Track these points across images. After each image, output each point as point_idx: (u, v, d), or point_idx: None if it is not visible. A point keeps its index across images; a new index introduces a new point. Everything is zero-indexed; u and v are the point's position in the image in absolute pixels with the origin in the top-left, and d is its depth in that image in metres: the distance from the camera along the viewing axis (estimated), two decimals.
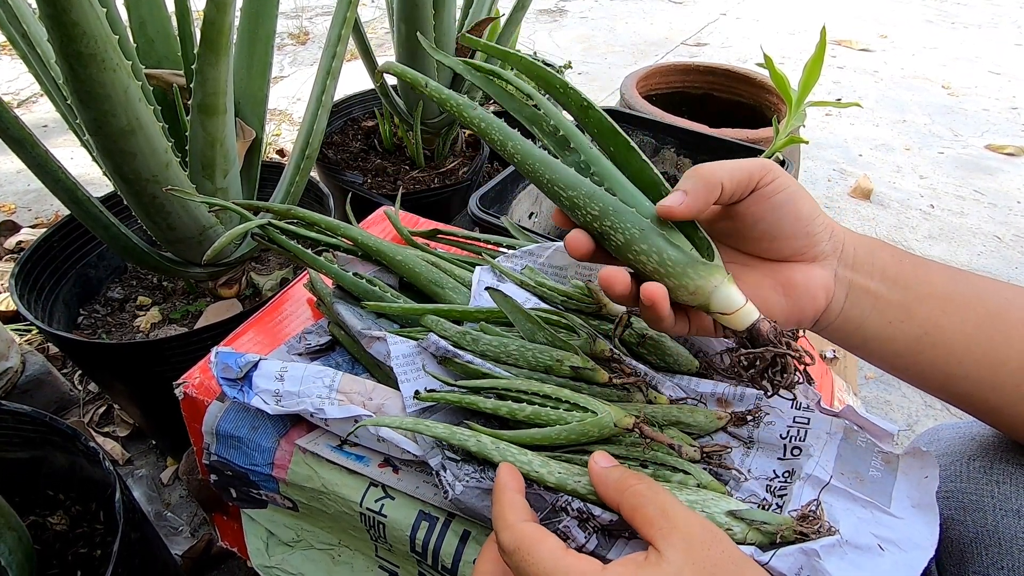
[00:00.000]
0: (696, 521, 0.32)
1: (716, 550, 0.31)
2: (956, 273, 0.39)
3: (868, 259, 0.39)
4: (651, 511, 0.32)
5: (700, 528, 0.31)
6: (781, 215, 0.38)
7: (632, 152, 0.40)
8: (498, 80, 0.43)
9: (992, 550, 0.38)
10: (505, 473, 0.37)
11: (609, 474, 0.35)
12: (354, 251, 0.59)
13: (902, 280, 0.38)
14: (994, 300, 0.37)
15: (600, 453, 0.37)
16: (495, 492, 0.36)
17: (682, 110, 1.33)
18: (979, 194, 1.67)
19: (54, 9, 0.51)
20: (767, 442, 0.42)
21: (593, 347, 0.46)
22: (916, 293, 0.38)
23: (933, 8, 3.11)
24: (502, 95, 0.44)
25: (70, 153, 1.70)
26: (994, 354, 0.37)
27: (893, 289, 0.38)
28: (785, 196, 0.37)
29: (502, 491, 0.36)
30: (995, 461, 0.41)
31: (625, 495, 0.34)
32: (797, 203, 0.38)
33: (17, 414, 0.62)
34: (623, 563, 0.31)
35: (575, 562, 0.31)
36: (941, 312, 0.38)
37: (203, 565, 0.83)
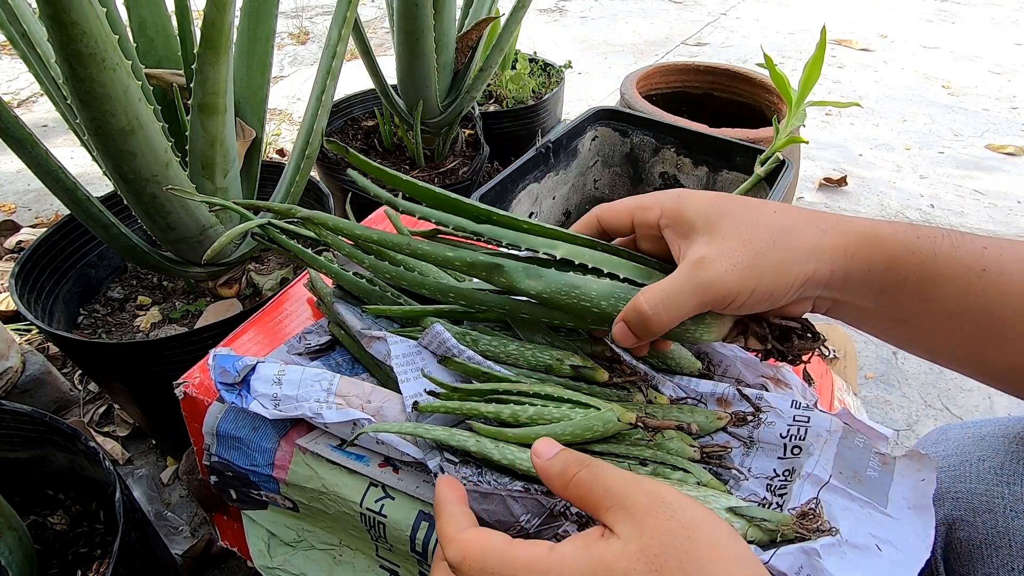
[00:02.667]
0: (639, 490, 0.29)
1: (663, 517, 0.28)
2: (964, 287, 0.35)
3: (862, 282, 0.36)
4: (596, 494, 0.31)
5: (644, 497, 0.29)
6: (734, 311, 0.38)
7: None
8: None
9: (1003, 551, 0.38)
10: (443, 487, 0.35)
11: (551, 467, 0.33)
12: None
13: (899, 302, 0.36)
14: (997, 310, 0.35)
15: (542, 441, 0.35)
16: (436, 509, 0.34)
17: (682, 110, 1.33)
18: (979, 194, 1.67)
19: (54, 9, 0.51)
20: (767, 441, 0.42)
21: (593, 347, 0.46)
22: (911, 312, 0.36)
23: (933, 8, 3.11)
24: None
25: (70, 153, 1.70)
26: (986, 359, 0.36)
27: (886, 307, 0.37)
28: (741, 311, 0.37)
29: (442, 506, 0.34)
30: (1005, 462, 0.41)
31: (570, 488, 0.32)
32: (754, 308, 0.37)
33: (17, 414, 0.62)
34: (574, 540, 0.30)
35: (521, 551, 0.30)
36: (935, 327, 0.36)
37: (203, 565, 0.83)
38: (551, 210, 1.05)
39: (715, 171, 1.03)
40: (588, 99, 2.17)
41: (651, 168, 1.10)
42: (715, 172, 1.03)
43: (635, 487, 0.30)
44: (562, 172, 1.04)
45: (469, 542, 0.31)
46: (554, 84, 1.68)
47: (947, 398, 1.10)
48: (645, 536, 0.28)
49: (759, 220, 0.36)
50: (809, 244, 0.35)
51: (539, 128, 1.61)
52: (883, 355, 1.18)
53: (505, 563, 0.29)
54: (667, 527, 0.28)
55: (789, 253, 0.35)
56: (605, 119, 1.09)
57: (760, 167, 0.91)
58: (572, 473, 0.32)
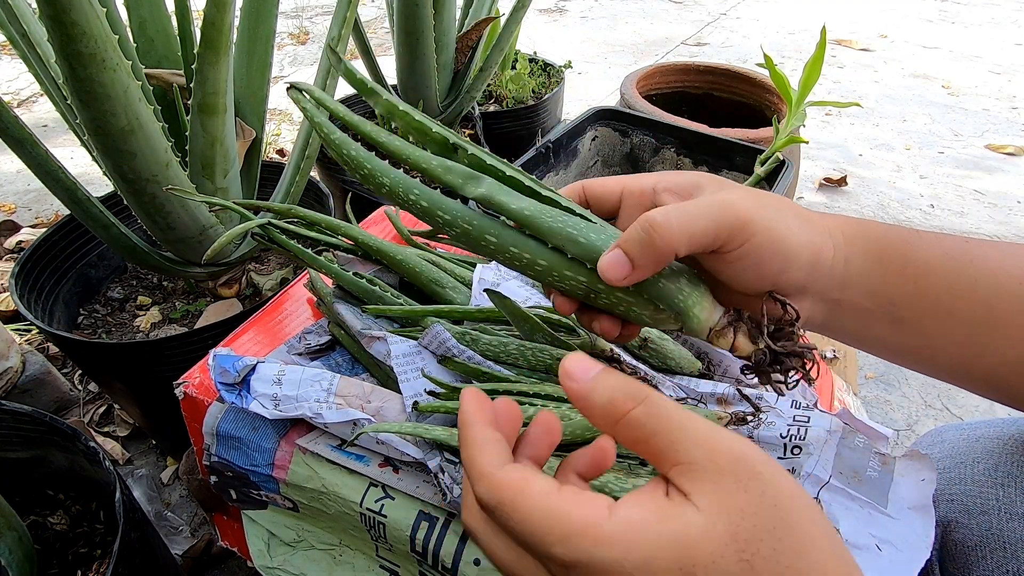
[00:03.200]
0: (723, 451, 0.24)
1: (755, 492, 0.23)
2: (953, 277, 0.34)
3: (863, 280, 0.34)
4: (660, 443, 0.25)
5: (731, 461, 0.24)
6: (740, 271, 0.33)
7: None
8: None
9: (997, 554, 0.38)
10: (469, 401, 0.28)
11: (593, 396, 0.26)
12: (354, 250, 0.59)
13: (899, 300, 0.35)
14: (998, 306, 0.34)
15: (573, 357, 0.27)
16: (460, 431, 0.28)
17: (682, 110, 1.33)
18: (979, 194, 1.67)
19: (54, 9, 0.52)
20: (767, 442, 0.42)
21: (593, 347, 0.46)
22: (907, 308, 0.35)
23: (933, 8, 3.10)
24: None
25: (70, 153, 1.70)
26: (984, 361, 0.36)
27: (883, 304, 0.35)
28: (749, 260, 0.32)
29: (468, 427, 0.27)
30: (1000, 464, 0.41)
31: (620, 429, 0.26)
32: (762, 264, 0.32)
33: (17, 414, 0.62)
34: (639, 501, 0.24)
35: (576, 510, 0.24)
36: (931, 325, 0.35)
37: (203, 565, 0.83)
38: None
39: (715, 171, 1.03)
40: (588, 99, 2.17)
41: (651, 168, 1.10)
42: (715, 172, 1.03)
43: (717, 444, 0.24)
44: (562, 172, 1.04)
45: (508, 484, 0.25)
46: (554, 84, 1.68)
47: (947, 398, 1.10)
48: (734, 516, 0.23)
49: (767, 194, 0.34)
50: (815, 220, 0.34)
51: (539, 128, 1.61)
52: None
53: (553, 523, 0.24)
54: (759, 506, 0.23)
55: (800, 220, 0.33)
56: (605, 119, 1.09)
57: (760, 167, 0.91)
58: (624, 410, 0.25)
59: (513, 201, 0.34)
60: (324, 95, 0.37)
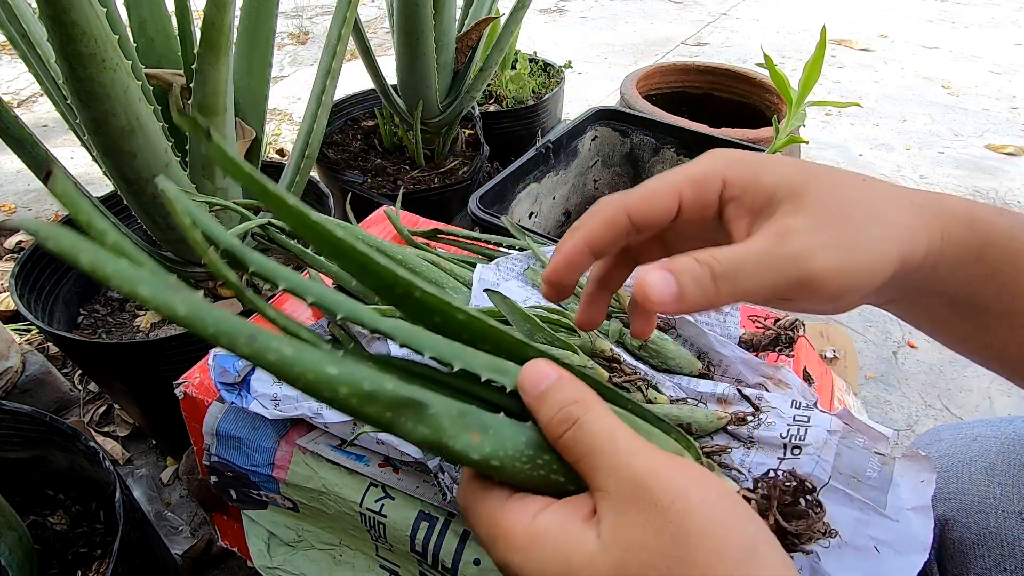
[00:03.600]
0: (633, 478, 0.23)
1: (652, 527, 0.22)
2: None
3: (949, 272, 0.30)
4: (585, 465, 0.25)
5: (636, 490, 0.23)
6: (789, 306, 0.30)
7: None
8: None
9: (995, 552, 0.38)
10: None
11: (540, 412, 0.26)
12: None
13: (980, 294, 0.31)
14: None
15: (530, 366, 0.27)
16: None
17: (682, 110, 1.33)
18: (979, 194, 1.67)
19: (54, 9, 0.52)
20: (767, 442, 0.42)
21: (593, 347, 0.46)
22: (990, 307, 0.31)
23: (933, 8, 3.11)
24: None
25: (70, 153, 1.70)
26: None
27: (963, 302, 0.31)
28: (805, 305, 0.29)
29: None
30: (997, 463, 0.41)
31: (559, 449, 0.26)
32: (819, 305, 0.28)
33: (17, 414, 0.62)
34: (560, 512, 0.25)
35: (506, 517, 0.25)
36: (1009, 325, 0.31)
37: (203, 565, 0.83)
38: (551, 210, 1.05)
39: None
40: (588, 99, 2.17)
41: (651, 168, 1.10)
42: None
43: (629, 473, 0.24)
44: (562, 172, 1.04)
45: (470, 490, 0.27)
46: (554, 84, 1.68)
47: (947, 398, 1.10)
48: (628, 548, 0.23)
49: (853, 188, 0.29)
50: (907, 220, 0.28)
51: (539, 128, 1.61)
52: (883, 355, 1.18)
53: (490, 527, 0.26)
54: (657, 540, 0.22)
55: (889, 229, 0.28)
56: (605, 119, 1.09)
57: None
58: (558, 432, 0.26)
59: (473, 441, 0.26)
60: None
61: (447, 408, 0.26)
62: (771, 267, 0.27)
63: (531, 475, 0.27)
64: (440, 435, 0.25)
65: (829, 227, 0.27)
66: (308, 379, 0.24)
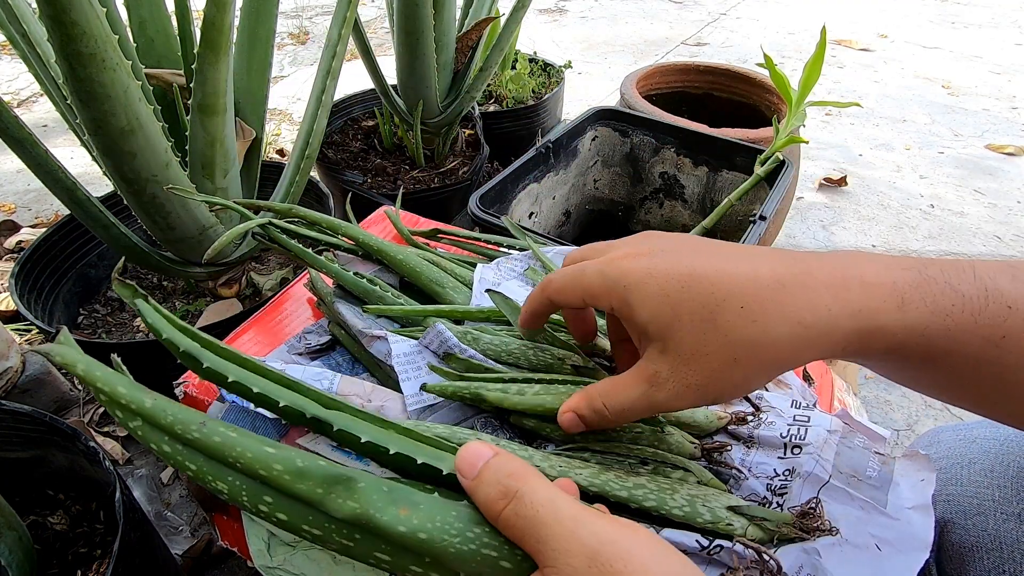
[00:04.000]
0: (580, 551, 0.24)
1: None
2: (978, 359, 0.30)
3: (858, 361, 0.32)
4: (528, 542, 0.25)
5: (585, 562, 0.24)
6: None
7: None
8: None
9: (993, 554, 0.38)
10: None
11: (476, 493, 0.27)
12: (355, 250, 0.59)
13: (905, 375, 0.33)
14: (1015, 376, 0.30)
15: (466, 449, 0.28)
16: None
17: (682, 110, 1.33)
18: (979, 194, 1.67)
19: (54, 9, 0.52)
20: (767, 441, 0.42)
21: (593, 346, 0.46)
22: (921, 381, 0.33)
23: (933, 8, 3.11)
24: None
25: (70, 153, 1.70)
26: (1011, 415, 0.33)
27: (893, 376, 0.33)
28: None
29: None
30: (995, 465, 0.41)
31: (499, 526, 0.26)
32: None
33: (17, 414, 0.62)
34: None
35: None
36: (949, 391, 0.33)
37: (203, 565, 0.83)
38: (551, 210, 1.05)
39: (715, 171, 1.03)
40: (588, 99, 2.17)
41: (651, 168, 1.10)
42: (715, 172, 1.03)
43: (575, 545, 0.24)
44: (562, 172, 1.04)
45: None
46: (554, 84, 1.68)
47: None
48: None
49: (719, 328, 0.30)
50: (785, 355, 0.30)
51: (539, 128, 1.61)
52: None
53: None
54: None
55: (755, 369, 0.30)
56: (605, 119, 1.09)
57: (760, 167, 0.91)
58: (497, 510, 0.26)
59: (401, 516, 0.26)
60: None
61: (376, 484, 0.27)
62: (646, 408, 0.33)
63: (461, 550, 0.26)
64: (368, 508, 0.26)
65: (688, 376, 0.31)
66: (247, 458, 0.27)
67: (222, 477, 0.28)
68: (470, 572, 0.27)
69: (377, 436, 0.29)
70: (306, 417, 0.30)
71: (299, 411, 0.30)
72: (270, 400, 0.30)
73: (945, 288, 0.30)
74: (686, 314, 0.30)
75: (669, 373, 0.31)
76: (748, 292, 0.30)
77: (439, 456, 0.29)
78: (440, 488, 0.29)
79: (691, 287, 0.30)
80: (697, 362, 0.30)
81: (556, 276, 0.37)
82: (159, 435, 0.28)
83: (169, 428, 0.28)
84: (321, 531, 0.27)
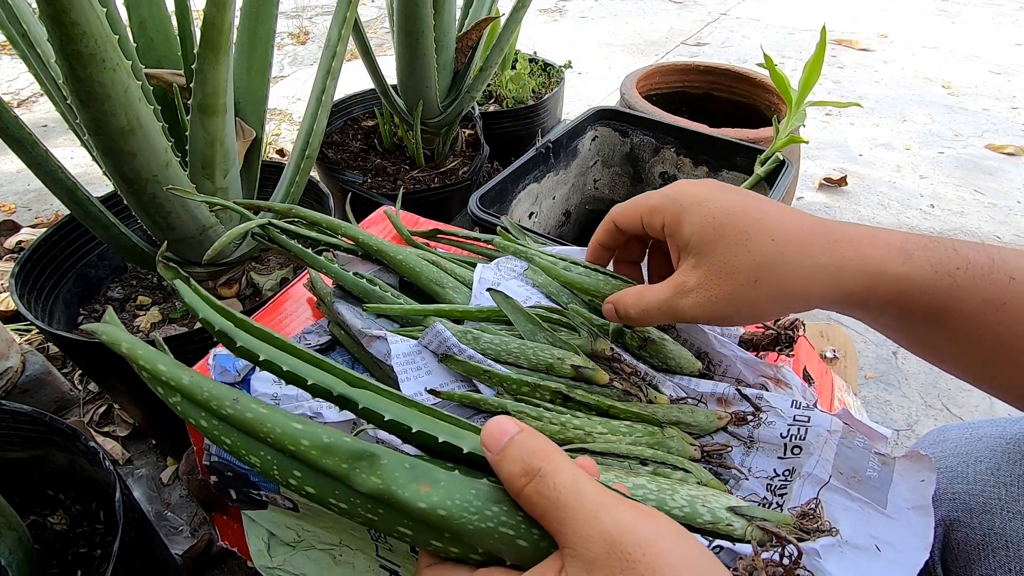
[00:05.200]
0: (601, 536, 0.24)
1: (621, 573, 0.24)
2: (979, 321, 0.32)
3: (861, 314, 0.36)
4: (549, 519, 0.26)
5: (605, 548, 0.24)
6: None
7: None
8: None
9: (999, 553, 0.38)
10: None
11: (501, 467, 0.27)
12: (355, 251, 0.59)
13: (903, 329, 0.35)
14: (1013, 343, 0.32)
15: (493, 423, 0.28)
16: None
17: (682, 110, 1.33)
18: (979, 194, 1.67)
19: (54, 9, 0.51)
20: (767, 441, 0.42)
21: (594, 346, 0.46)
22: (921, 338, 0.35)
23: (933, 7, 3.11)
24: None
25: (70, 153, 1.70)
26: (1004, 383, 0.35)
27: (893, 331, 0.36)
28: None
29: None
30: (1002, 463, 0.41)
31: (521, 501, 0.27)
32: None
33: (17, 414, 0.62)
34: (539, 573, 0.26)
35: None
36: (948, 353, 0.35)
37: (203, 565, 0.83)
38: (551, 210, 1.05)
39: (715, 171, 1.03)
40: (588, 99, 2.17)
41: (651, 168, 1.10)
42: (715, 172, 1.03)
43: (595, 530, 0.24)
44: (562, 172, 1.04)
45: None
46: (554, 84, 1.68)
47: (947, 398, 1.10)
48: None
49: (750, 251, 0.35)
50: (799, 285, 0.34)
51: (539, 128, 1.61)
52: (883, 355, 1.18)
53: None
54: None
55: (770, 292, 0.35)
56: (605, 119, 1.09)
57: (760, 167, 0.91)
58: (519, 486, 0.26)
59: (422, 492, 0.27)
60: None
61: (399, 460, 0.28)
62: (666, 314, 0.38)
63: (479, 527, 0.27)
64: (390, 484, 0.27)
65: (712, 287, 0.36)
66: (276, 433, 0.28)
67: (255, 451, 0.29)
68: (488, 549, 0.27)
69: (400, 414, 0.30)
70: (333, 395, 0.31)
71: (327, 388, 0.31)
72: (299, 378, 0.31)
73: (951, 252, 0.33)
74: (727, 235, 0.35)
75: (696, 283, 0.36)
76: (780, 229, 0.35)
77: (459, 435, 0.30)
78: (460, 466, 0.30)
79: (736, 215, 0.36)
80: (724, 278, 0.35)
81: (621, 204, 0.43)
82: (197, 410, 0.30)
83: (205, 404, 0.30)
84: (347, 504, 0.28)
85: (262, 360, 0.32)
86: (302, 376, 0.31)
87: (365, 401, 0.31)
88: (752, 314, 0.36)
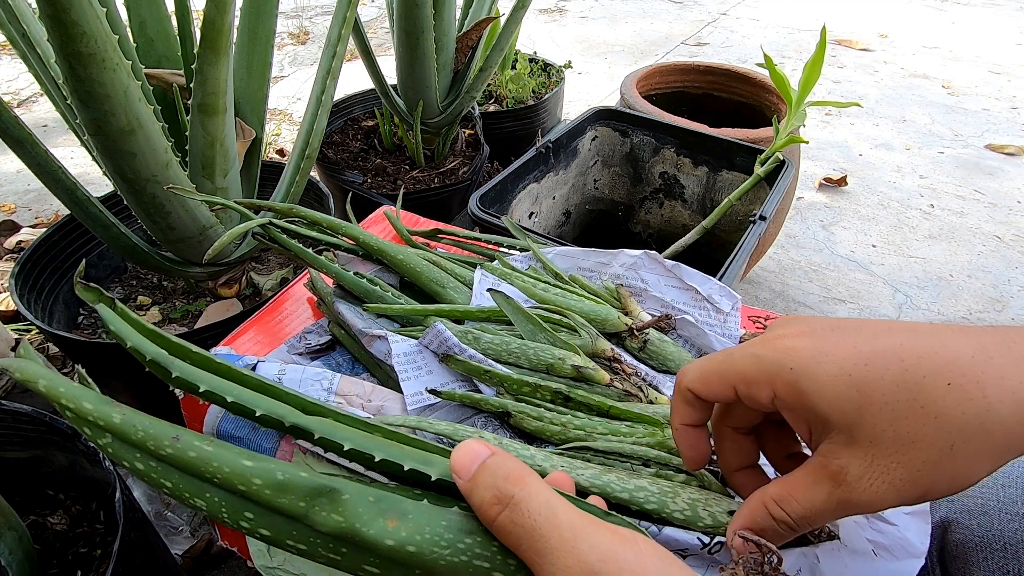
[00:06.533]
0: (578, 564, 0.23)
1: None
2: None
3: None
4: (524, 549, 0.25)
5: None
6: None
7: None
8: None
9: (998, 555, 0.38)
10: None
11: (472, 495, 0.26)
12: (355, 250, 0.59)
13: None
14: None
15: (462, 448, 0.27)
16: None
17: (682, 110, 1.33)
18: (979, 194, 1.67)
19: (54, 9, 0.51)
20: None
21: (594, 346, 0.46)
22: None
23: (933, 7, 3.11)
24: None
25: (70, 153, 1.70)
26: None
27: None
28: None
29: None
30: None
31: (495, 531, 0.26)
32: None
33: (17, 414, 0.62)
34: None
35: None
36: None
37: (203, 565, 0.83)
38: (551, 210, 1.05)
39: (715, 171, 1.03)
40: (588, 99, 2.17)
41: (651, 168, 1.10)
42: (715, 172, 1.03)
43: (574, 558, 0.23)
44: (562, 172, 1.04)
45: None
46: (554, 84, 1.68)
47: None
48: None
49: (925, 412, 0.25)
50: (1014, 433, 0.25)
51: (539, 128, 1.61)
52: None
53: None
54: None
55: (978, 455, 0.25)
56: (605, 119, 1.09)
57: (760, 167, 0.91)
58: (492, 515, 0.25)
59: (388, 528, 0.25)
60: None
61: (362, 494, 0.26)
62: (836, 513, 0.28)
63: (452, 562, 0.25)
64: (353, 521, 0.25)
65: (891, 469, 0.26)
66: (224, 473, 0.26)
67: (200, 493, 0.26)
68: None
69: (361, 443, 0.28)
70: (285, 425, 0.29)
71: (278, 419, 0.29)
72: (246, 409, 0.29)
73: None
74: (879, 397, 0.26)
75: (863, 469, 0.26)
76: (954, 367, 0.25)
77: (427, 460, 0.28)
78: (430, 492, 0.28)
79: (879, 366, 0.26)
80: (902, 454, 0.26)
81: (691, 366, 0.32)
82: (131, 452, 0.27)
83: (141, 444, 0.27)
84: (306, 545, 0.26)
85: (203, 391, 0.29)
86: (249, 407, 0.29)
87: (321, 430, 0.29)
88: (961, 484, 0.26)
